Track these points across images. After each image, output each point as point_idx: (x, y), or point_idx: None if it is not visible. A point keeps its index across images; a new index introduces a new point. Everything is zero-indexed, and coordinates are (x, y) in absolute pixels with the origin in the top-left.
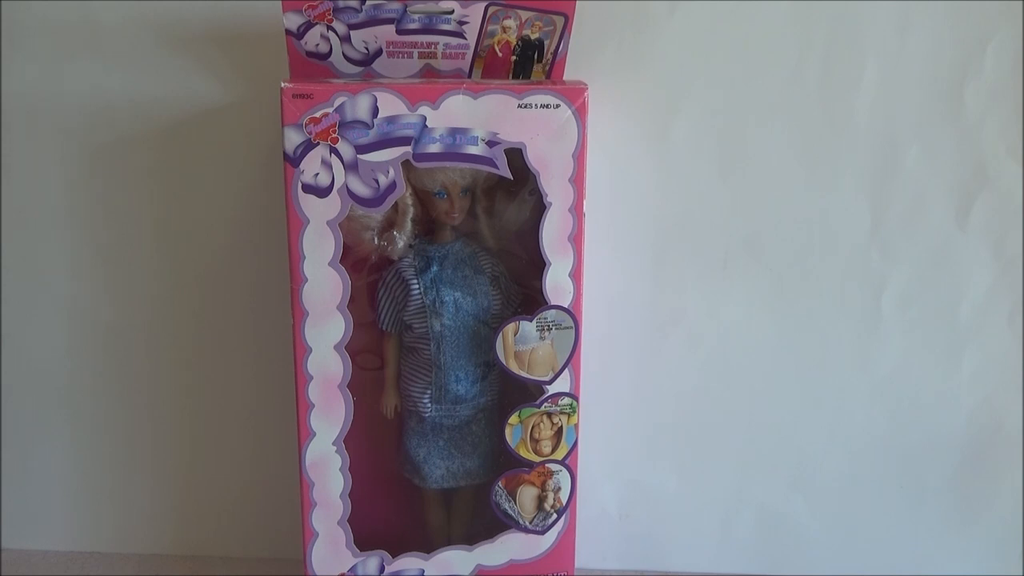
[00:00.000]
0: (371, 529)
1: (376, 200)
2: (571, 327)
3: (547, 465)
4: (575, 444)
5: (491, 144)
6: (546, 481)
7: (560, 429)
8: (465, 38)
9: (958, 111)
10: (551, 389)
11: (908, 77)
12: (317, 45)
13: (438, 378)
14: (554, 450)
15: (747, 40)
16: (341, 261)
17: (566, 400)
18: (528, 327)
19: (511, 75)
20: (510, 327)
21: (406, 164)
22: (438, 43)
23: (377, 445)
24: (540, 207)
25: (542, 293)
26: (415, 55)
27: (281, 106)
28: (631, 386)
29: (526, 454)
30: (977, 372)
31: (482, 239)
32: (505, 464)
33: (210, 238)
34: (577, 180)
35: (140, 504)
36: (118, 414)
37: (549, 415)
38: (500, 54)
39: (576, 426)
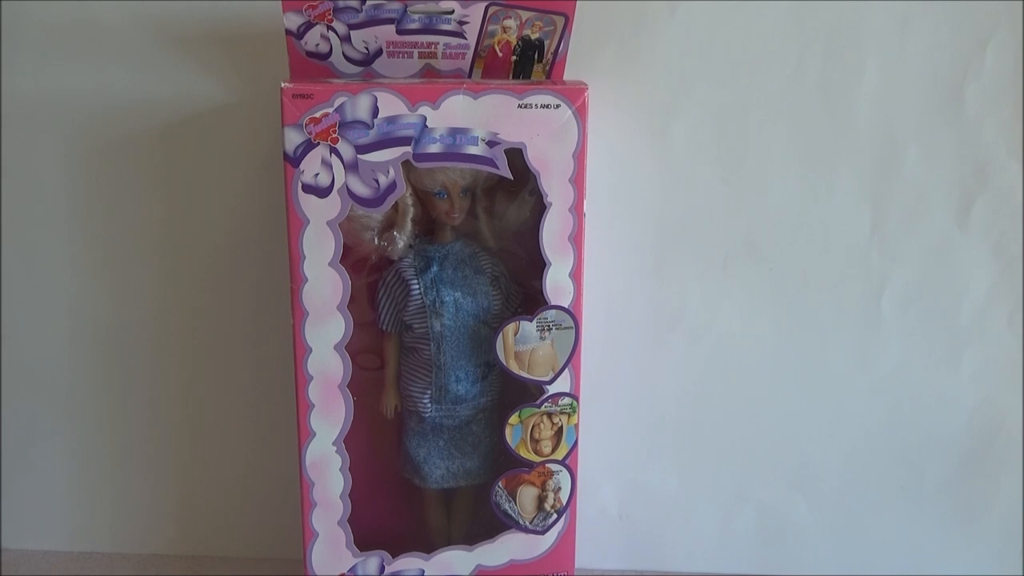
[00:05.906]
0: (371, 529)
1: (376, 200)
2: (571, 327)
3: (547, 465)
4: (575, 444)
5: (491, 144)
6: (546, 481)
7: (560, 429)
8: (465, 38)
9: (958, 111)
10: (551, 389)
11: (908, 77)
12: (317, 45)
13: (438, 378)
14: (554, 450)
15: (747, 40)
16: (341, 261)
17: (566, 400)
18: (528, 327)
19: (511, 75)
20: (510, 327)
21: (406, 164)
22: (438, 43)
23: (377, 445)
24: (540, 207)
25: (542, 293)
26: (415, 55)
27: (281, 106)
28: (631, 386)
29: (526, 454)
30: (977, 372)
31: (482, 239)
32: (505, 464)
33: (210, 238)
34: (577, 180)
35: (140, 504)
36: (118, 414)
37: (549, 415)
38: (500, 54)
39: (576, 426)
